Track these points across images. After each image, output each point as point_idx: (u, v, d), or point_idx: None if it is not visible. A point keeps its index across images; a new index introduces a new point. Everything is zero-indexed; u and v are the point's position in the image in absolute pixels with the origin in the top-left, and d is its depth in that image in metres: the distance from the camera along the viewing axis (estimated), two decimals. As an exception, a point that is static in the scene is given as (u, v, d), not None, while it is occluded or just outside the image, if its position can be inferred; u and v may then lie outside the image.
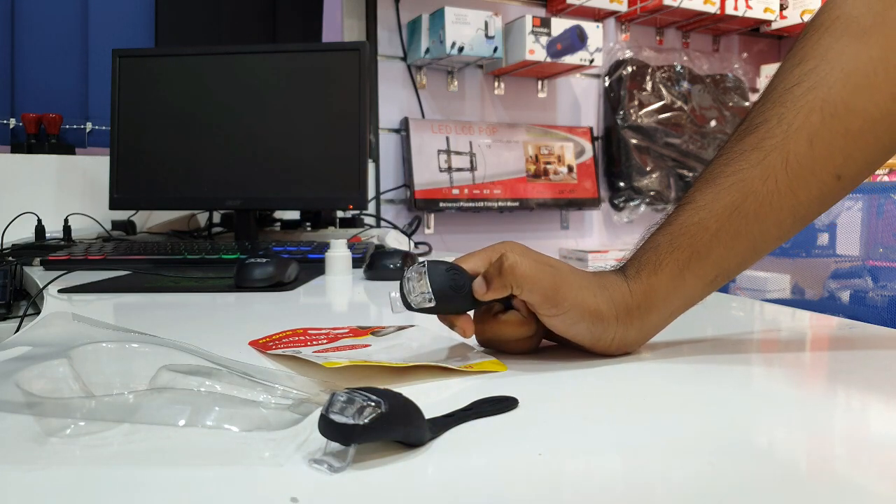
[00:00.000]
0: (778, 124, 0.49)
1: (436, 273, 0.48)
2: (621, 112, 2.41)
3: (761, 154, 0.49)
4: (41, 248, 1.26)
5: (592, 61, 2.17)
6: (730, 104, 2.58)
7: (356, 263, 1.07)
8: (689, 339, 0.57)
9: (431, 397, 0.41)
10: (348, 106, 1.31)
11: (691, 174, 2.46)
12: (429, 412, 0.35)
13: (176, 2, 1.70)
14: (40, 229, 1.33)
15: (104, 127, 1.63)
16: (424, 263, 0.49)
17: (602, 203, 2.44)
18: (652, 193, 2.42)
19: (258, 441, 0.34)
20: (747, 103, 2.58)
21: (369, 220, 1.79)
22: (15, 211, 1.37)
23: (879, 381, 0.47)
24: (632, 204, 2.43)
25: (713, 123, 2.54)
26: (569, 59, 2.14)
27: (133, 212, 1.53)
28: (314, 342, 0.54)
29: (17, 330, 0.91)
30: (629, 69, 2.43)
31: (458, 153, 2.20)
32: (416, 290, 0.48)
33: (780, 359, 0.55)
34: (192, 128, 1.36)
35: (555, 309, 0.47)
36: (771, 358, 0.56)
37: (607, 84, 2.46)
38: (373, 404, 0.30)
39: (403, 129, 2.17)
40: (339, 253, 1.05)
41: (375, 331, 0.58)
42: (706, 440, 0.35)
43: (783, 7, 2.50)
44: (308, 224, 1.63)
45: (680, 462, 0.32)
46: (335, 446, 0.31)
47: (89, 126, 1.66)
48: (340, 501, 0.28)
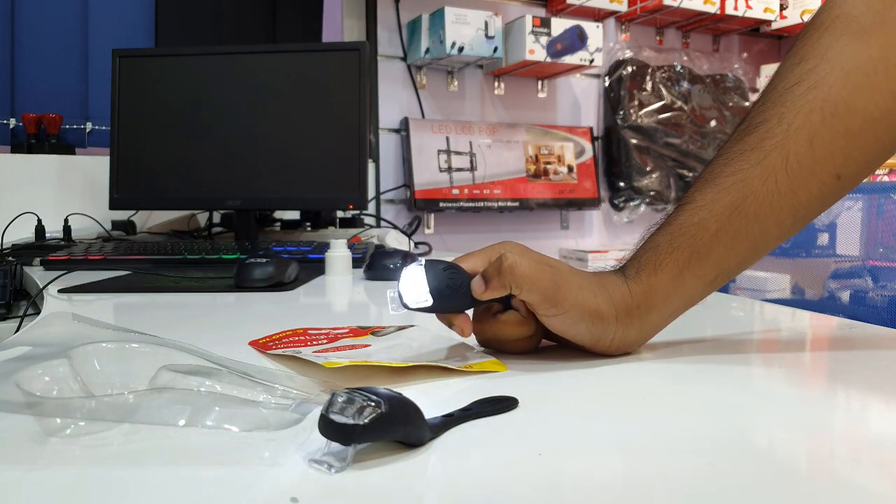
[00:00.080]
0: (778, 124, 0.49)
1: (433, 272, 0.48)
2: (621, 112, 2.41)
3: (761, 154, 0.49)
4: (41, 248, 1.26)
5: (592, 61, 2.17)
6: (730, 104, 2.58)
7: (356, 263, 1.07)
8: (689, 339, 0.57)
9: (431, 397, 0.41)
10: (348, 106, 1.31)
11: (691, 174, 2.46)
12: (429, 412, 0.35)
13: (176, 2, 1.70)
14: (40, 229, 1.33)
15: (104, 127, 1.63)
16: (422, 263, 0.49)
17: (602, 203, 2.44)
18: (652, 193, 2.42)
19: (258, 441, 0.34)
20: (747, 103, 2.58)
21: (369, 220, 1.79)
22: (15, 211, 1.37)
23: (879, 381, 0.47)
24: (632, 204, 2.43)
25: (713, 123, 2.54)
26: (569, 59, 2.14)
27: (133, 212, 1.54)
28: (314, 342, 0.54)
29: (17, 330, 0.91)
30: (629, 69, 2.43)
31: (458, 153, 2.20)
32: (413, 290, 0.48)
33: (780, 359, 0.55)
34: (192, 128, 1.36)
35: (554, 309, 0.47)
36: (771, 358, 0.56)
37: (607, 84, 2.46)
38: (373, 404, 0.30)
39: (403, 129, 2.17)
40: (339, 253, 1.05)
41: (375, 331, 0.58)
42: (706, 440, 0.35)
43: (783, 7, 2.50)
44: (308, 224, 1.63)
45: (680, 462, 0.32)
46: (335, 446, 0.31)
47: (89, 126, 1.66)
48: (340, 501, 0.28)
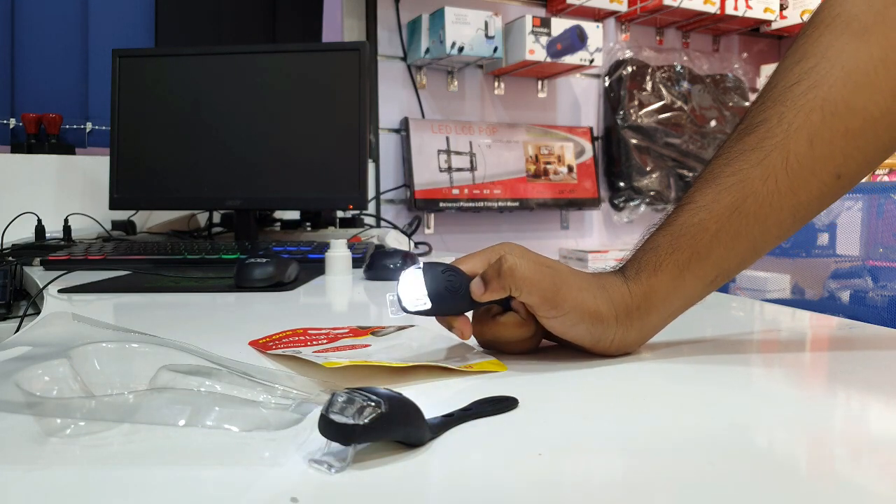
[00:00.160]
0: (778, 124, 0.49)
1: (431, 275, 0.48)
2: (621, 112, 2.41)
3: (761, 154, 0.49)
4: (41, 248, 1.26)
5: (592, 61, 2.17)
6: (730, 104, 2.58)
7: (356, 263, 1.07)
8: (689, 339, 0.57)
9: (431, 397, 0.41)
10: (348, 106, 1.31)
11: (691, 174, 2.45)
12: (429, 412, 0.35)
13: (176, 2, 1.70)
14: (40, 229, 1.33)
15: (104, 127, 1.63)
16: (420, 265, 0.49)
17: (602, 203, 2.44)
18: (652, 193, 2.42)
19: (258, 441, 0.34)
20: (747, 103, 2.58)
21: (369, 220, 1.79)
22: (15, 211, 1.37)
23: (879, 381, 0.47)
24: (632, 204, 2.43)
25: (713, 123, 2.54)
26: (569, 59, 2.14)
27: (133, 212, 1.54)
28: (314, 342, 0.54)
29: (17, 330, 0.91)
30: (629, 69, 2.43)
31: (458, 153, 2.19)
32: (412, 293, 0.48)
33: (780, 359, 0.55)
34: (192, 128, 1.36)
35: (554, 311, 0.47)
36: (771, 358, 0.56)
37: (607, 84, 2.45)
38: (373, 404, 0.30)
39: (403, 129, 2.17)
40: (339, 253, 1.05)
41: (375, 331, 0.58)
42: (706, 440, 0.35)
43: (783, 7, 2.50)
44: (308, 224, 1.63)
45: (680, 462, 0.32)
46: (335, 446, 0.31)
47: (89, 126, 1.66)
48: (340, 501, 0.28)
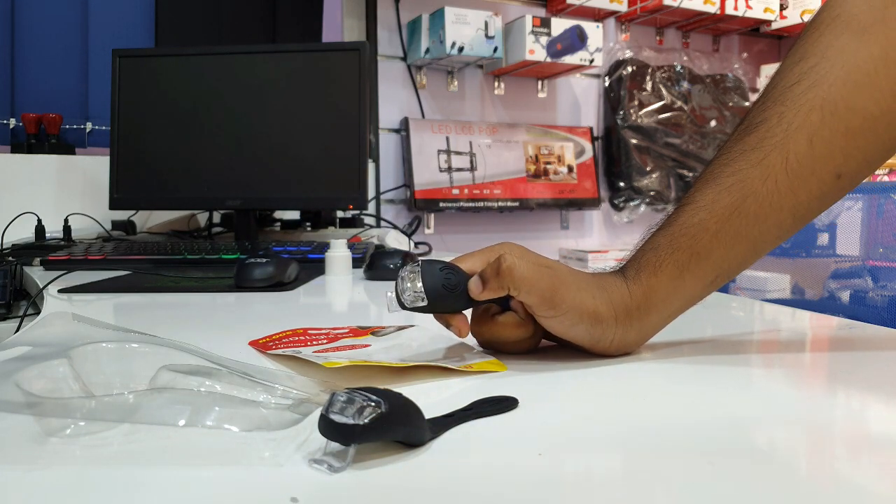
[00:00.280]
0: (778, 123, 0.49)
1: (429, 272, 0.48)
2: (621, 112, 2.41)
3: (761, 154, 0.49)
4: (41, 248, 1.26)
5: (592, 61, 2.17)
6: (730, 104, 2.58)
7: (356, 263, 1.07)
8: (689, 339, 0.57)
9: (431, 397, 0.41)
10: (348, 106, 1.31)
11: (691, 174, 2.45)
12: (429, 412, 0.35)
13: (176, 2, 1.70)
14: (40, 229, 1.33)
15: (104, 127, 1.63)
16: (419, 263, 0.49)
17: (602, 203, 2.44)
18: (652, 193, 2.42)
19: (258, 441, 0.33)
20: (747, 103, 2.58)
21: (369, 220, 1.79)
22: (15, 211, 1.37)
23: (879, 381, 0.47)
24: (632, 204, 2.43)
25: (713, 123, 2.54)
26: (569, 59, 2.14)
27: (133, 212, 1.54)
28: (314, 342, 0.54)
29: (17, 330, 0.91)
30: (629, 69, 2.43)
31: (458, 153, 2.19)
32: (410, 290, 0.48)
33: (780, 359, 0.55)
34: (192, 128, 1.36)
35: (553, 311, 0.47)
36: (771, 358, 0.56)
37: (607, 84, 2.45)
38: (373, 404, 0.30)
39: (403, 129, 2.17)
40: (339, 253, 1.05)
41: (375, 331, 0.58)
42: (706, 440, 0.35)
43: (783, 7, 2.50)
44: (308, 224, 1.63)
45: (680, 462, 0.32)
46: (335, 446, 0.31)
47: (89, 126, 1.66)
48: (340, 501, 0.28)
